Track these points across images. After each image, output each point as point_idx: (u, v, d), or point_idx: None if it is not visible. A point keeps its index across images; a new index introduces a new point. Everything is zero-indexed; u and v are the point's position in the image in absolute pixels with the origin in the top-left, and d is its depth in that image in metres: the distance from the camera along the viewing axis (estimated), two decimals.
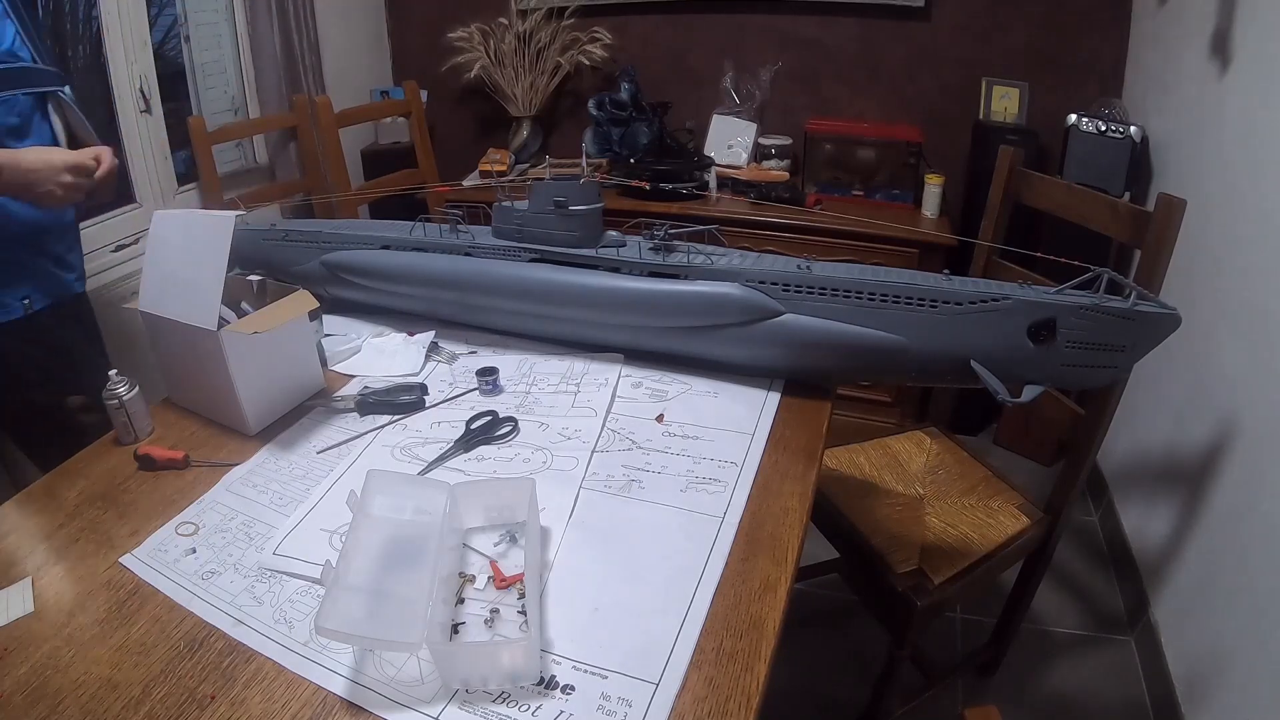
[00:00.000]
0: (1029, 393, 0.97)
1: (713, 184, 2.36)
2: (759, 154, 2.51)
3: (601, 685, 0.69)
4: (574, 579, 0.81)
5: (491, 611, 0.77)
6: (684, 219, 1.15)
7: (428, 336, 1.28)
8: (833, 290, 1.03)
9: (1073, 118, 2.02)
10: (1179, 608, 1.56)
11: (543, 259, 1.20)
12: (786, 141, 2.48)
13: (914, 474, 1.49)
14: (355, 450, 1.04)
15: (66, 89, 1.32)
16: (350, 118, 2.33)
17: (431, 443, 1.04)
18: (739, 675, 0.70)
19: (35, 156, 1.14)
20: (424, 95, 2.53)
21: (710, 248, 1.14)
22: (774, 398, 1.12)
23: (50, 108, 1.29)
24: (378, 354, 1.26)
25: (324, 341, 1.25)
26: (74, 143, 1.32)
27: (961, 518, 1.37)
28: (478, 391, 1.15)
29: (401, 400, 1.12)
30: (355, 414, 1.11)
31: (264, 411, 1.09)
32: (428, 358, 1.25)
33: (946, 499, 1.42)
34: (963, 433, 2.36)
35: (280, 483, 0.98)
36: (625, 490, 0.94)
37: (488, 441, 1.04)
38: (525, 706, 0.67)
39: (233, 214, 1.02)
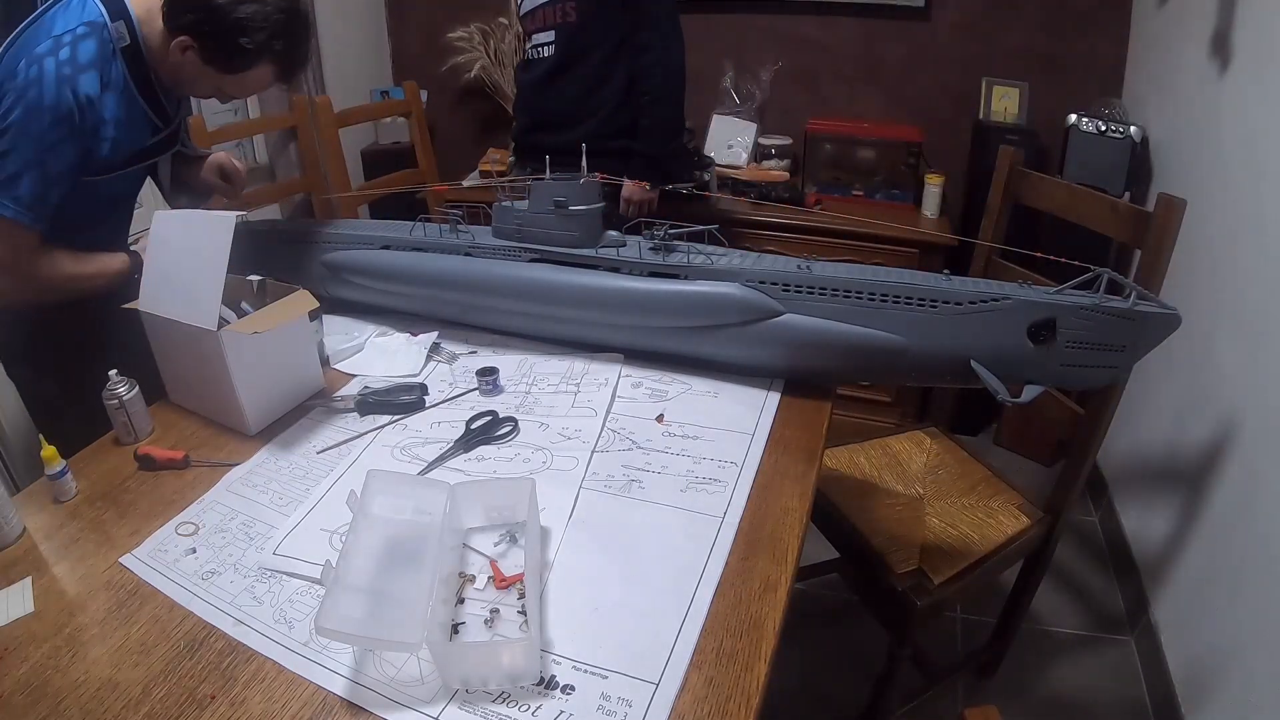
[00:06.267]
0: (1029, 393, 0.97)
1: (713, 184, 2.36)
2: (759, 154, 2.51)
3: (601, 685, 0.69)
4: (574, 579, 0.81)
5: (491, 611, 0.77)
6: (684, 219, 1.15)
7: (430, 337, 1.28)
8: (833, 290, 1.03)
9: (1073, 118, 2.02)
10: (1179, 608, 1.56)
11: (543, 259, 1.20)
12: (786, 141, 2.48)
13: (914, 474, 1.49)
14: (355, 450, 1.04)
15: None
16: (350, 118, 2.33)
17: (431, 443, 1.04)
18: (739, 675, 0.70)
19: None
20: (424, 95, 2.52)
21: (710, 248, 1.14)
22: (774, 398, 1.12)
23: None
24: (379, 354, 1.26)
25: (326, 340, 1.25)
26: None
27: (961, 518, 1.37)
28: (478, 391, 1.15)
29: (401, 400, 1.12)
30: (355, 414, 1.11)
31: (264, 411, 1.09)
32: (428, 358, 1.25)
33: (946, 499, 1.42)
34: (963, 433, 2.36)
35: (280, 483, 0.98)
36: (625, 490, 0.94)
37: (488, 441, 1.04)
38: (525, 706, 0.67)
39: (233, 214, 1.02)
